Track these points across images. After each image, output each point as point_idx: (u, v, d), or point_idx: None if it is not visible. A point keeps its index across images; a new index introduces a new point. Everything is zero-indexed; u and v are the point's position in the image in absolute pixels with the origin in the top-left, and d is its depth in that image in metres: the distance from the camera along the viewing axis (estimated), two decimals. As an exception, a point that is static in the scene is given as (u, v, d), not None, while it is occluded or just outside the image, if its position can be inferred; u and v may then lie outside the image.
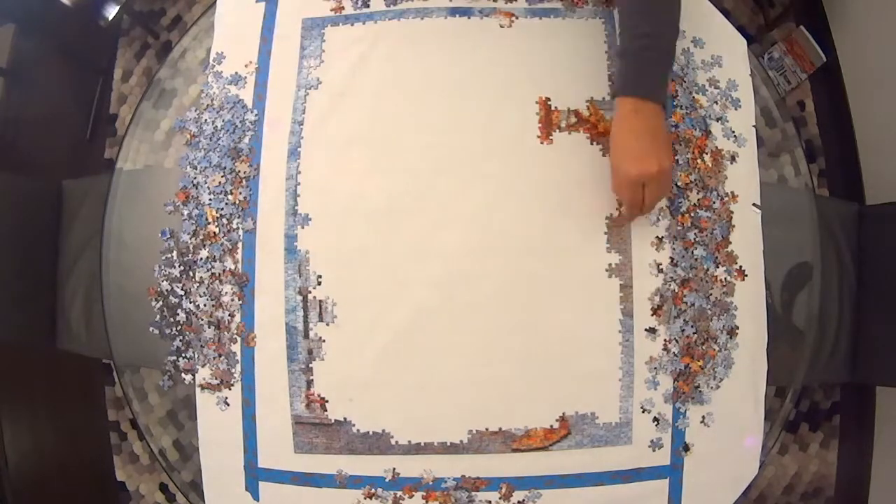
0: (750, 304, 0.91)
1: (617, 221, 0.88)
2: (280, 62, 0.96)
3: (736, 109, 0.95)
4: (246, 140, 0.94)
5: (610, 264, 0.88)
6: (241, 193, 0.92)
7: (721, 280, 0.90)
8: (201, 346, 0.92)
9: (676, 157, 0.91)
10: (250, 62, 0.97)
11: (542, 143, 0.90)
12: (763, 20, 1.84)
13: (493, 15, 0.95)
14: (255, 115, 0.94)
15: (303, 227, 0.90)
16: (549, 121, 0.91)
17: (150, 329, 0.94)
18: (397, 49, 0.95)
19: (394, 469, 0.88)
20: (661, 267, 0.89)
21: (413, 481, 0.88)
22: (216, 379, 0.91)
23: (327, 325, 0.89)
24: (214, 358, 0.91)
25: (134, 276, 1.00)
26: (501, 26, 0.94)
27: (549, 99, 0.91)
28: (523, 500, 0.87)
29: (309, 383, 0.89)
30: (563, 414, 0.87)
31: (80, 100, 1.90)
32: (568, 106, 0.92)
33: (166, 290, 0.94)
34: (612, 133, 0.83)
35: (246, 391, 0.90)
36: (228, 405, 0.90)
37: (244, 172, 0.93)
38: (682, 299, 0.89)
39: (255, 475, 0.90)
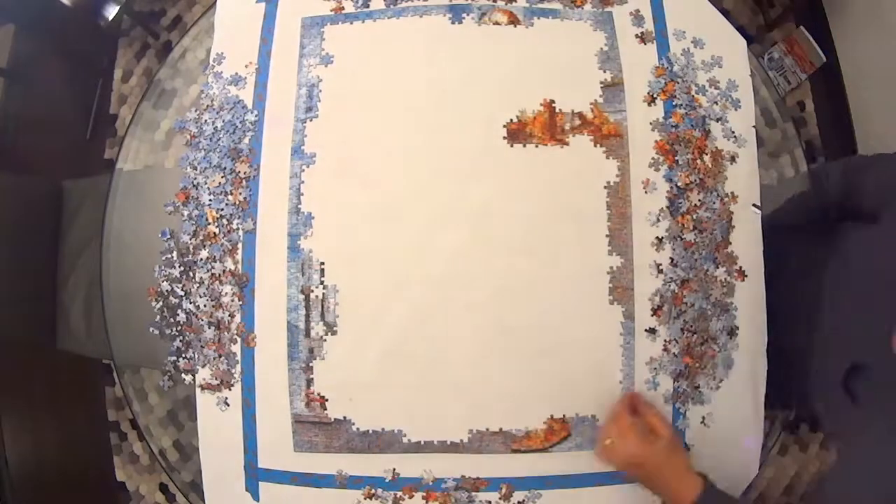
0: (750, 304, 0.91)
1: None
2: (280, 62, 0.96)
3: (736, 110, 0.95)
4: (246, 140, 0.94)
5: (611, 266, 0.88)
6: (241, 194, 0.92)
7: (721, 280, 0.90)
8: (201, 346, 0.92)
9: (676, 158, 0.91)
10: (250, 62, 0.97)
11: (545, 144, 0.90)
12: (763, 20, 1.84)
13: (492, 13, 0.95)
14: (256, 115, 0.94)
15: (305, 226, 0.90)
16: (553, 123, 0.91)
17: (150, 329, 0.94)
18: (397, 48, 0.95)
19: (394, 469, 0.88)
20: (661, 267, 0.89)
21: (413, 481, 0.88)
22: (216, 379, 0.91)
23: (329, 324, 0.89)
24: (214, 358, 0.91)
25: (134, 276, 1.00)
26: (499, 24, 0.95)
27: (553, 101, 0.91)
28: (523, 501, 0.87)
29: (309, 382, 0.89)
30: (564, 416, 0.87)
31: (80, 100, 1.90)
32: (572, 108, 0.92)
33: (166, 291, 0.94)
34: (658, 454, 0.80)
35: (246, 391, 0.90)
36: (228, 405, 0.90)
37: (244, 173, 0.93)
38: (682, 300, 0.89)
39: (255, 475, 0.90)
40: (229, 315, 0.91)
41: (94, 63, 1.91)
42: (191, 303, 0.92)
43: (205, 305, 0.92)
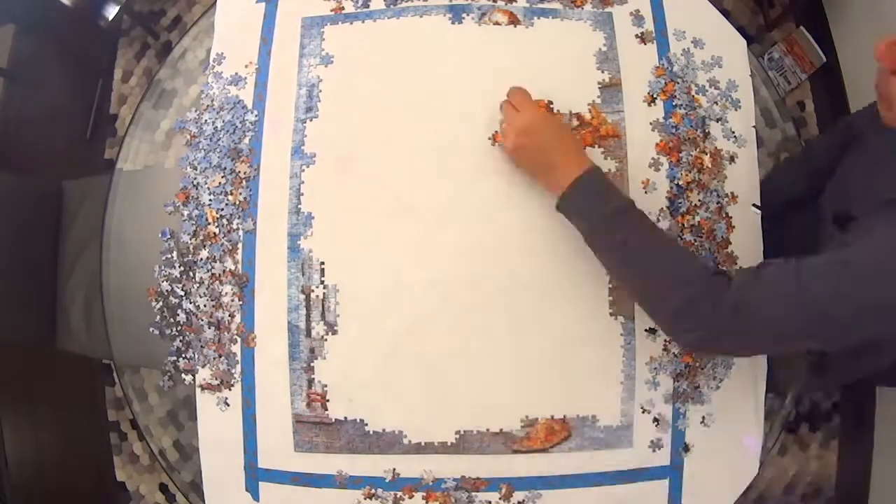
0: (750, 304, 0.91)
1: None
2: (280, 62, 0.96)
3: (736, 110, 0.95)
4: (246, 141, 0.94)
5: (610, 265, 0.88)
6: (241, 194, 0.92)
7: (721, 280, 0.90)
8: (201, 346, 0.92)
9: (680, 156, 0.91)
10: (250, 62, 0.97)
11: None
12: (763, 20, 1.84)
13: (492, 13, 0.95)
14: (256, 115, 0.94)
15: (305, 226, 0.90)
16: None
17: (150, 329, 0.94)
18: (397, 48, 0.95)
19: (394, 469, 0.88)
20: (661, 267, 0.88)
21: (413, 482, 0.88)
22: (216, 379, 0.91)
23: (329, 323, 0.89)
24: (214, 358, 0.91)
25: (134, 276, 1.00)
26: (499, 24, 0.94)
27: (551, 102, 0.91)
28: (523, 501, 0.87)
29: (310, 382, 0.89)
30: (565, 416, 0.87)
31: (80, 100, 1.90)
32: (570, 109, 0.92)
33: (166, 291, 0.94)
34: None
35: (246, 391, 0.90)
36: (228, 405, 0.90)
37: (244, 173, 0.93)
38: (683, 300, 0.89)
39: (255, 475, 0.90)
40: (229, 315, 0.91)
41: (94, 63, 1.91)
42: (191, 303, 0.92)
43: (205, 305, 0.92)
